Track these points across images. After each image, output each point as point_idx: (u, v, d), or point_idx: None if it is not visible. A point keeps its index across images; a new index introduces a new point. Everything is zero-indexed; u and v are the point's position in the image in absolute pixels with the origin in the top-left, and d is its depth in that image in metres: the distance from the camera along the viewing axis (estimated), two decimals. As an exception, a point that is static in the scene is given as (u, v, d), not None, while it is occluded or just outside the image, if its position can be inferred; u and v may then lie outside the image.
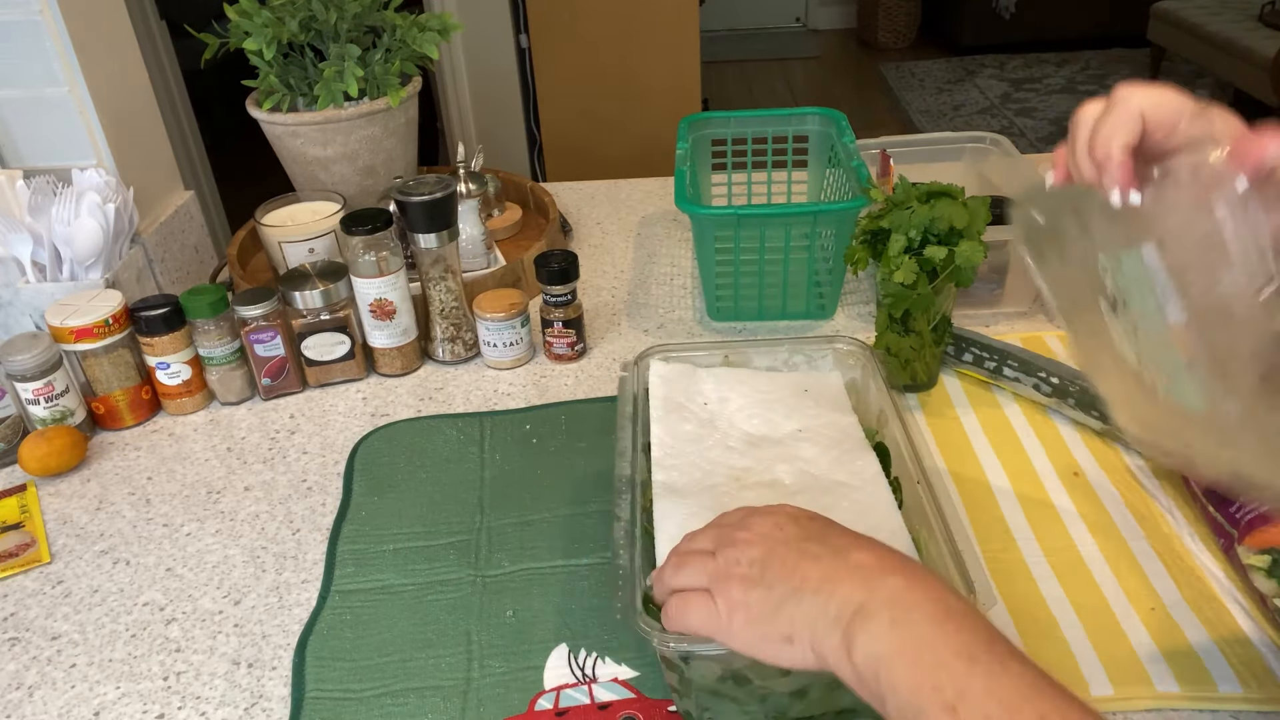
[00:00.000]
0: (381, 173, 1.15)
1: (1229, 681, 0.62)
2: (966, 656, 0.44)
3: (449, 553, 0.78)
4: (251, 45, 1.07)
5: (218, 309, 0.94)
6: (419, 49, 1.13)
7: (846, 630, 0.47)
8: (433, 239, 0.96)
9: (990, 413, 0.89)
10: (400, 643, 0.70)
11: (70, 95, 1.02)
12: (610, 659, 0.67)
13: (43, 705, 0.67)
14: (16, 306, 1.00)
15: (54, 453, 0.88)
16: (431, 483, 0.86)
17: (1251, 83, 3.54)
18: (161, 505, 0.86)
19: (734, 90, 4.72)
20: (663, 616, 0.56)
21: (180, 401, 0.97)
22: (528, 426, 0.92)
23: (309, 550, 0.80)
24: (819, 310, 1.07)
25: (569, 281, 0.98)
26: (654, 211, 1.35)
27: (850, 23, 5.62)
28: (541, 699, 0.65)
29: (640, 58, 2.60)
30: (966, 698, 0.42)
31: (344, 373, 1.00)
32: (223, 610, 0.74)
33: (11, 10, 0.97)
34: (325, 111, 1.07)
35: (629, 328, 1.08)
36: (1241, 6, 3.83)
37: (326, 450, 0.91)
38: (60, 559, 0.81)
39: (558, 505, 0.82)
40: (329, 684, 0.67)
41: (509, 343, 1.00)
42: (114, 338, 0.92)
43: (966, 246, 0.83)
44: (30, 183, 0.98)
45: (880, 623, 0.46)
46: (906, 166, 1.17)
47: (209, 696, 0.67)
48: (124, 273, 1.01)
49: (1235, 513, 0.69)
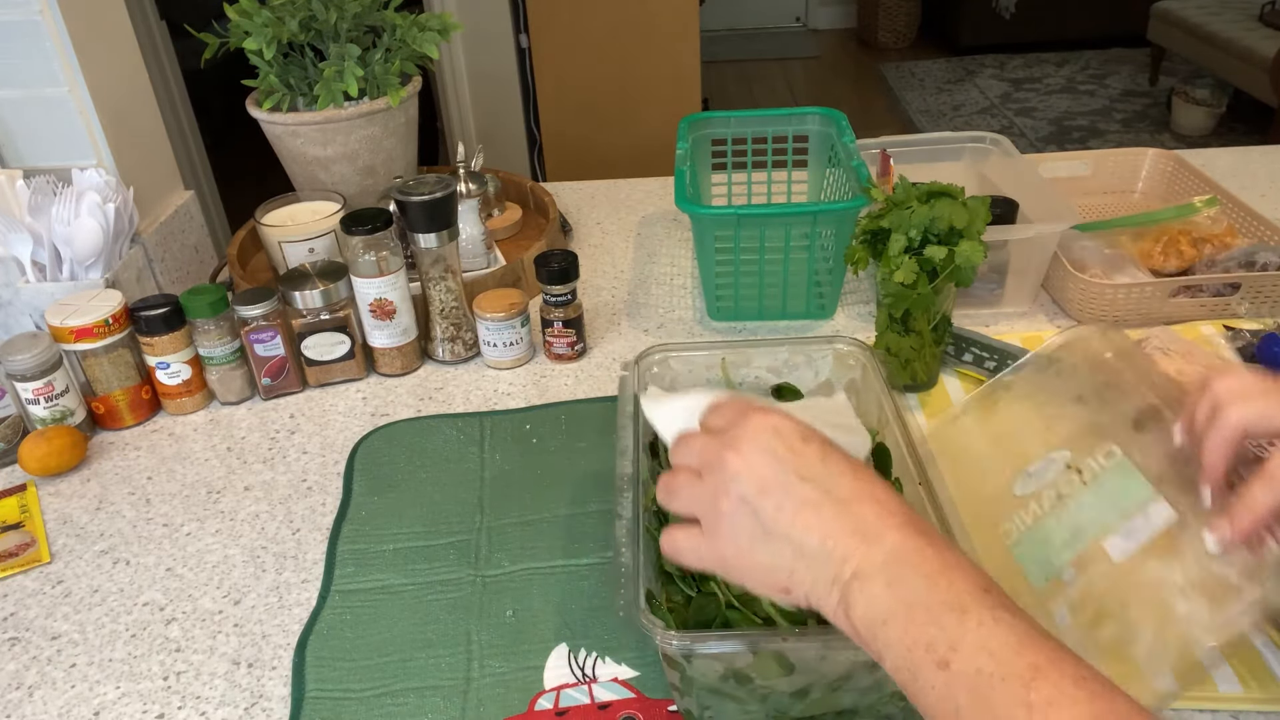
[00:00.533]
0: (381, 173, 1.15)
1: (1229, 681, 0.62)
2: (958, 609, 0.43)
3: (449, 553, 0.78)
4: (251, 45, 1.07)
5: (218, 309, 0.94)
6: (419, 49, 1.13)
7: (844, 593, 0.46)
8: (433, 239, 0.96)
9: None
10: (400, 643, 0.70)
11: (70, 95, 1.02)
12: (610, 659, 0.67)
13: (43, 705, 0.67)
14: (16, 306, 1.00)
15: (54, 453, 0.88)
16: (431, 483, 0.86)
17: (1251, 83, 3.54)
18: (161, 505, 0.86)
19: (734, 90, 4.72)
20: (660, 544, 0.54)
21: (180, 401, 0.97)
22: (528, 426, 0.92)
23: (309, 550, 0.80)
24: (819, 310, 1.07)
25: (569, 281, 0.98)
26: (654, 211, 1.35)
27: (850, 23, 5.62)
28: (541, 699, 0.65)
29: (640, 58, 2.60)
30: (958, 651, 0.42)
31: (344, 373, 1.00)
32: (223, 610, 0.74)
33: (11, 10, 0.97)
34: (325, 111, 1.07)
35: (629, 328, 1.08)
36: (1241, 6, 3.84)
37: (326, 450, 0.91)
38: (60, 559, 0.81)
39: (558, 505, 0.82)
40: (329, 684, 0.67)
41: (509, 343, 1.00)
42: (114, 338, 0.92)
43: (966, 246, 0.83)
44: (30, 183, 0.98)
45: (877, 584, 0.45)
46: (906, 166, 1.17)
47: (209, 696, 0.67)
48: (124, 273, 1.01)
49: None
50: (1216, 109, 3.82)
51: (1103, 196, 1.27)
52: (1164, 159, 1.25)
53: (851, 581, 0.46)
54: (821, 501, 0.48)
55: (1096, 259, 1.04)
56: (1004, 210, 1.05)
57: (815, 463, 0.49)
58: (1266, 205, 1.23)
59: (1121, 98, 4.31)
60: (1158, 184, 1.25)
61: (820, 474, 0.49)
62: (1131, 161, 1.27)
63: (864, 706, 0.61)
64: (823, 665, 0.57)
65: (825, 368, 0.83)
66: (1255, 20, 3.71)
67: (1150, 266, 1.05)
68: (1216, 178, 1.17)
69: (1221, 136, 3.83)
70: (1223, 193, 1.12)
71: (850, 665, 0.57)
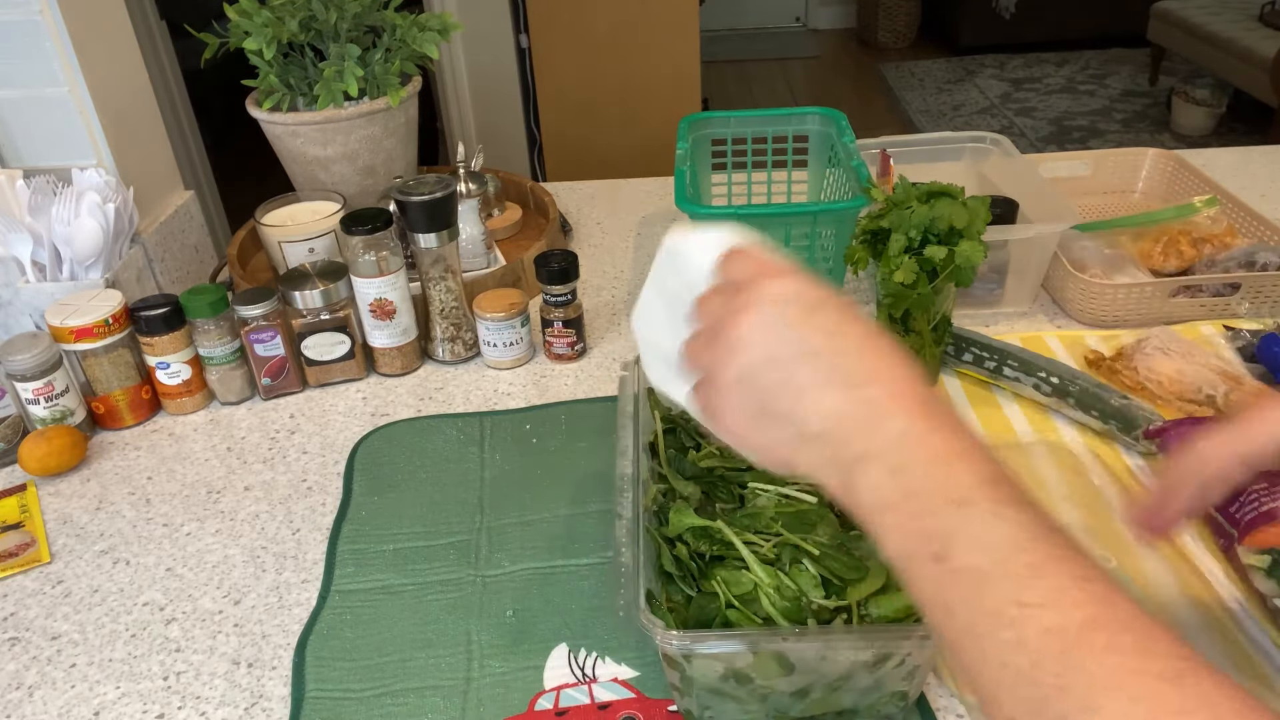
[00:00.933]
0: (381, 173, 1.15)
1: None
2: (958, 501, 0.40)
3: (449, 553, 0.78)
4: (251, 45, 1.07)
5: (218, 309, 0.94)
6: (419, 49, 1.13)
7: (846, 476, 0.44)
8: (433, 239, 0.96)
9: (990, 413, 0.89)
10: (400, 643, 0.70)
11: (70, 95, 1.02)
12: (610, 659, 0.67)
13: (43, 705, 0.67)
14: (16, 306, 1.00)
15: (54, 453, 0.88)
16: (431, 483, 0.86)
17: (1251, 83, 3.54)
18: (161, 505, 0.86)
19: (734, 90, 4.72)
20: None
21: (180, 401, 0.97)
22: (528, 426, 0.92)
23: (309, 550, 0.80)
24: (819, 310, 1.06)
25: (569, 281, 0.98)
26: (654, 211, 1.35)
27: (850, 23, 5.62)
28: (541, 699, 0.65)
29: (640, 58, 2.60)
30: (954, 546, 0.39)
31: (344, 373, 1.00)
32: (223, 610, 0.74)
33: (11, 10, 0.97)
34: (325, 111, 1.07)
35: (629, 328, 1.07)
36: (1241, 6, 3.84)
37: (326, 450, 0.91)
38: (60, 559, 0.81)
39: (558, 505, 0.82)
40: (329, 684, 0.67)
41: (509, 343, 1.00)
42: (114, 337, 0.92)
43: (966, 246, 0.83)
44: (30, 183, 0.98)
45: (880, 471, 0.42)
46: (906, 166, 1.17)
47: (209, 696, 0.67)
48: (124, 272, 1.01)
49: (1235, 513, 0.69)
50: (1216, 109, 3.82)
51: (1103, 196, 1.27)
52: (1164, 159, 1.25)
53: (854, 465, 0.43)
54: (826, 383, 0.44)
55: (1096, 259, 1.04)
56: (1004, 210, 1.05)
57: (823, 337, 0.45)
58: (1266, 205, 1.23)
59: (1121, 98, 4.31)
60: (1158, 184, 1.25)
61: (828, 349, 0.45)
62: (1131, 161, 1.27)
63: (864, 706, 0.61)
64: (823, 665, 0.57)
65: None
66: (1255, 20, 3.71)
67: (1150, 266, 1.05)
68: (1216, 178, 1.17)
69: (1221, 136, 3.83)
70: (1223, 193, 1.12)
71: (850, 665, 0.57)
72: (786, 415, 0.45)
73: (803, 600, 0.61)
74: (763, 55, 5.23)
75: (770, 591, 0.61)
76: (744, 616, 0.60)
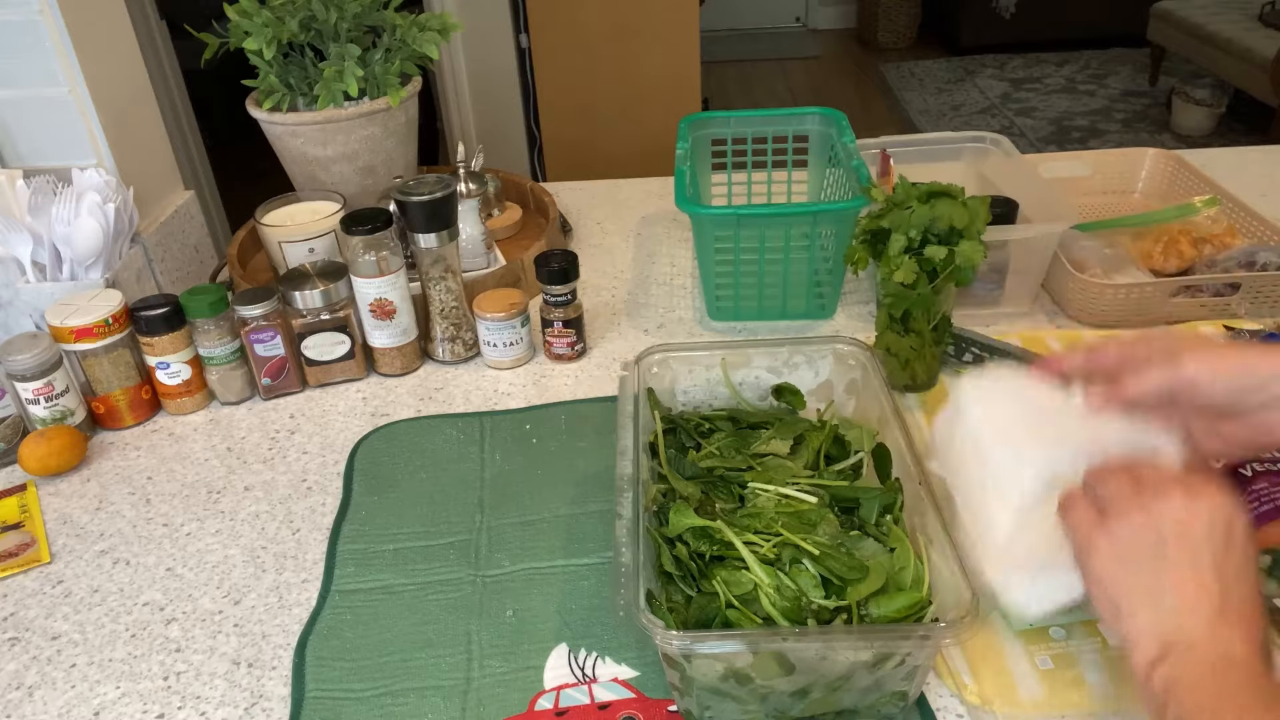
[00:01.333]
0: (381, 173, 1.15)
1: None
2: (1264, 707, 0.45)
3: (449, 553, 0.78)
4: (251, 45, 1.07)
5: (218, 309, 0.94)
6: (419, 49, 1.13)
7: (1165, 652, 0.48)
8: (433, 239, 0.96)
9: (990, 412, 0.89)
10: (400, 642, 0.70)
11: (70, 95, 1.02)
12: (610, 659, 0.67)
13: (43, 705, 0.67)
14: (16, 306, 1.00)
15: (54, 453, 0.88)
16: (431, 483, 0.86)
17: (1251, 83, 3.54)
18: (161, 505, 0.86)
19: (734, 90, 4.72)
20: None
21: (180, 401, 0.97)
22: (528, 426, 0.92)
23: (309, 550, 0.80)
24: (819, 310, 1.07)
25: (569, 281, 0.98)
26: (654, 211, 1.35)
27: (850, 23, 5.62)
28: (541, 699, 0.65)
29: (640, 58, 2.60)
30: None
31: (344, 372, 1.00)
32: (223, 610, 0.74)
33: (11, 10, 0.97)
34: (325, 111, 1.07)
35: (629, 328, 1.08)
36: (1241, 6, 3.83)
37: (326, 450, 0.91)
38: (60, 559, 0.81)
39: (558, 505, 0.82)
40: (329, 684, 0.67)
41: (509, 343, 1.00)
42: (114, 337, 0.92)
43: (966, 246, 0.83)
44: (30, 183, 0.98)
45: (1203, 666, 0.47)
46: (906, 166, 1.17)
47: (209, 696, 0.67)
48: (124, 272, 1.01)
49: (1235, 512, 0.69)
50: (1216, 109, 3.81)
51: (1103, 196, 1.27)
52: (1164, 159, 1.25)
53: (1180, 648, 0.48)
54: (1207, 593, 0.49)
55: (1096, 259, 1.04)
56: (1004, 210, 1.05)
57: (1227, 567, 0.50)
58: (1266, 205, 1.23)
59: (1121, 98, 4.31)
60: (1158, 184, 1.25)
61: (1225, 579, 0.50)
62: (1131, 161, 1.27)
63: (864, 706, 0.61)
64: (823, 665, 0.57)
65: (825, 368, 0.83)
66: (1255, 20, 3.71)
67: (1150, 266, 1.05)
68: (1216, 178, 1.17)
69: (1221, 136, 3.83)
70: (1223, 193, 1.12)
71: (850, 665, 0.57)
72: (1154, 578, 0.50)
73: (803, 600, 0.61)
74: (763, 55, 5.23)
75: (770, 591, 0.61)
76: (744, 616, 0.60)
